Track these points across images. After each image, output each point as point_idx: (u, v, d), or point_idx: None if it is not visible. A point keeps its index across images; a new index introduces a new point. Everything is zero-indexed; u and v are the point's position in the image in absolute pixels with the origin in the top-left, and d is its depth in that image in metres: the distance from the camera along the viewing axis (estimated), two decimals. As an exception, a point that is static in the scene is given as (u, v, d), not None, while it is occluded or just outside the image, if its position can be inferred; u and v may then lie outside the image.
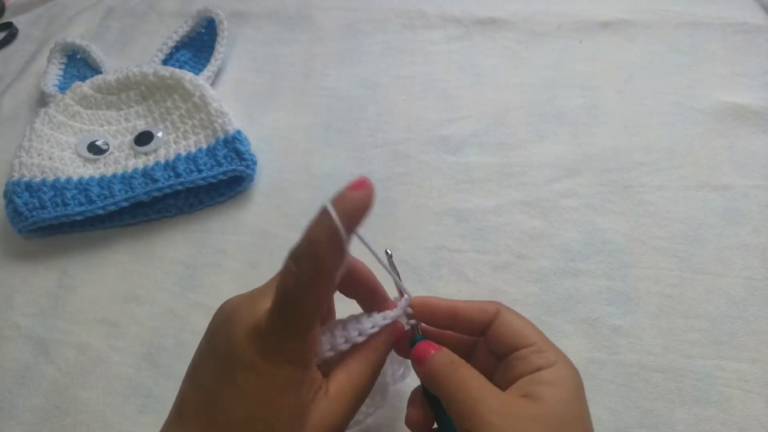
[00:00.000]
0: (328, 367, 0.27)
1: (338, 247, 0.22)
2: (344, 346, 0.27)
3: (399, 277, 0.29)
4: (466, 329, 0.29)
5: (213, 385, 0.24)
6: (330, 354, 0.27)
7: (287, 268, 0.23)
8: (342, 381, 0.26)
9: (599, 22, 0.60)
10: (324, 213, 0.23)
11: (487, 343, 0.29)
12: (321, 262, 0.22)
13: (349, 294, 0.29)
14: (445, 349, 0.28)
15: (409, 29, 0.62)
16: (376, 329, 0.27)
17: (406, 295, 0.29)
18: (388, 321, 0.28)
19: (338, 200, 0.23)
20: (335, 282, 0.24)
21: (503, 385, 0.26)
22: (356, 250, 0.26)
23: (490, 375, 0.28)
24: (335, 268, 0.23)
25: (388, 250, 0.30)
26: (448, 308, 0.29)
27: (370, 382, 0.27)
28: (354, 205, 0.23)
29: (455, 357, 0.27)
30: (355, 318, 0.28)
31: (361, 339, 0.27)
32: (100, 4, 0.69)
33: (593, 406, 0.27)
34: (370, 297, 0.29)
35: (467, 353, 0.30)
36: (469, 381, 0.26)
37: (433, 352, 0.27)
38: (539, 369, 0.26)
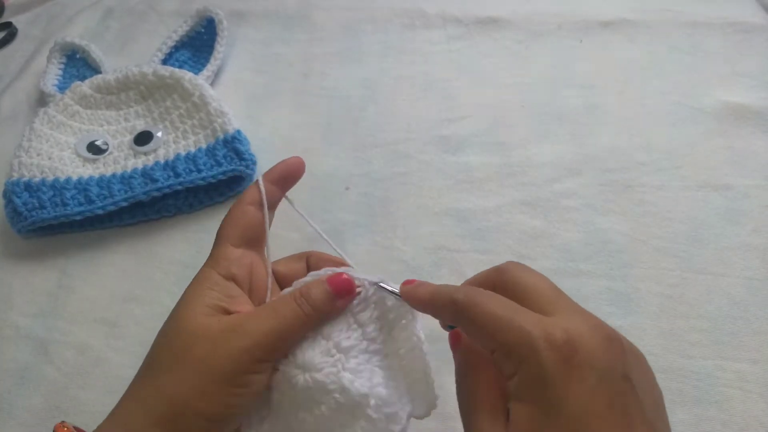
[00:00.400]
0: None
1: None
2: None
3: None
4: (444, 318, 0.27)
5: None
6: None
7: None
8: (259, 309, 0.27)
9: (600, 21, 0.60)
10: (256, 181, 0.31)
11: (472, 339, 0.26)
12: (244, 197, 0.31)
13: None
14: (469, 344, 0.26)
15: (409, 29, 0.62)
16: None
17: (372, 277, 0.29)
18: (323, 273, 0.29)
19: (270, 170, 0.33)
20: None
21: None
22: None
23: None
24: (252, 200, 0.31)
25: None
26: (422, 299, 0.27)
27: (291, 323, 0.26)
28: (277, 170, 0.33)
29: (477, 351, 0.26)
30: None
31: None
32: (99, 4, 0.69)
33: None
34: None
35: None
36: (472, 394, 0.25)
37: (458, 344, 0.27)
38: (510, 377, 0.22)
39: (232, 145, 0.48)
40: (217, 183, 0.47)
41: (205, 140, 0.49)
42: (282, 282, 0.31)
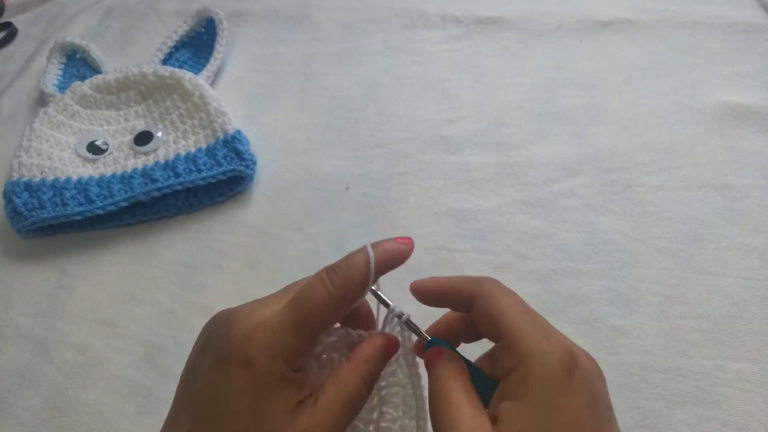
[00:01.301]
0: (321, 381, 0.26)
1: (365, 281, 0.24)
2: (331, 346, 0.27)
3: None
4: (456, 306, 0.27)
5: (206, 385, 0.24)
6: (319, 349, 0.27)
7: (319, 275, 0.25)
8: (331, 391, 0.24)
9: (600, 21, 0.60)
10: (363, 250, 0.25)
11: (480, 330, 0.26)
12: (352, 283, 0.24)
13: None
14: (447, 357, 0.26)
15: (409, 29, 0.62)
16: (361, 338, 0.27)
17: (397, 309, 0.27)
18: (374, 331, 0.27)
19: (379, 245, 0.26)
20: (348, 310, 0.25)
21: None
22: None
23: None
24: (357, 296, 0.25)
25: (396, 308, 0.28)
26: (434, 288, 0.27)
27: (361, 393, 0.25)
28: (390, 253, 0.26)
29: (452, 367, 0.25)
30: (344, 329, 0.28)
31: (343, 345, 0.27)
32: (99, 4, 0.69)
33: None
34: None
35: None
36: (449, 396, 0.23)
37: (438, 358, 0.26)
38: (507, 373, 0.22)
39: (232, 145, 0.48)
40: (217, 183, 0.47)
41: (205, 140, 0.49)
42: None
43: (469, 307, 0.25)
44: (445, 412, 0.23)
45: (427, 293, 0.27)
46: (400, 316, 0.27)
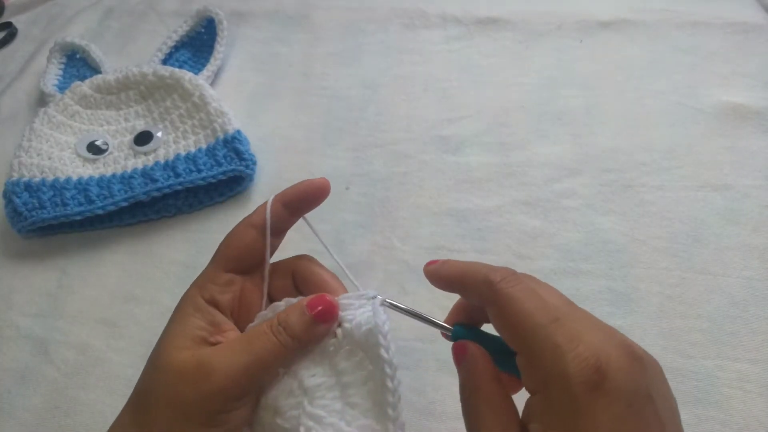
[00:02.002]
0: None
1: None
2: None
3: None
4: (470, 295, 0.26)
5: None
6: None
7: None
8: (239, 336, 0.26)
9: (600, 21, 0.60)
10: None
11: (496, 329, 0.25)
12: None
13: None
14: (473, 356, 0.25)
15: (409, 29, 0.62)
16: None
17: (370, 293, 0.27)
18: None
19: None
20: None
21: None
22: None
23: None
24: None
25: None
26: (449, 275, 0.26)
27: (269, 343, 0.25)
28: (294, 191, 0.29)
29: (480, 370, 0.24)
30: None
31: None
32: (99, 4, 0.69)
33: None
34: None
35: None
36: (480, 418, 0.23)
37: (464, 356, 0.25)
38: (532, 393, 0.22)
39: (232, 145, 0.48)
40: (217, 183, 0.47)
41: (205, 140, 0.49)
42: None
43: (486, 301, 0.24)
44: (480, 411, 0.22)
45: (440, 279, 0.27)
46: (373, 298, 0.26)
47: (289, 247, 0.45)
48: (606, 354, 0.20)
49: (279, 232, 0.29)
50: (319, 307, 0.26)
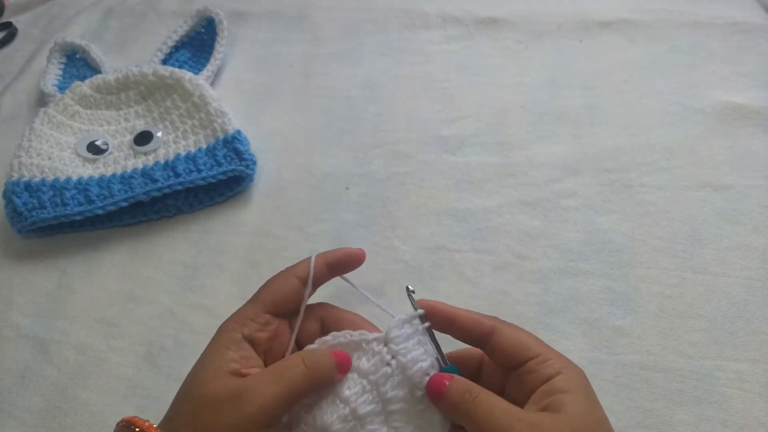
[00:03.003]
0: None
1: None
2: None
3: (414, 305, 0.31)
4: (463, 338, 0.30)
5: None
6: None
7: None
8: (268, 369, 0.28)
9: (600, 22, 0.60)
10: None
11: (492, 357, 0.30)
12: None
13: None
14: (458, 378, 0.28)
15: (409, 29, 0.62)
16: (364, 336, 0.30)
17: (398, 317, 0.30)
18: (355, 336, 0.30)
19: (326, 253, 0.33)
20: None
21: (519, 401, 0.27)
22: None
23: (501, 390, 0.29)
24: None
25: (409, 286, 0.32)
26: (448, 314, 0.30)
27: (297, 377, 0.27)
28: (336, 255, 0.33)
29: (470, 384, 0.28)
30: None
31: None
32: (99, 4, 0.69)
33: None
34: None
35: (477, 368, 0.31)
36: (493, 408, 0.26)
37: (447, 382, 0.28)
38: (550, 378, 0.27)
39: (232, 145, 0.48)
40: (217, 183, 0.47)
41: (205, 140, 0.49)
42: (299, 343, 0.32)
43: (486, 339, 0.29)
44: (488, 407, 0.26)
45: (441, 317, 0.30)
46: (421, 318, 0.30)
47: (288, 246, 0.46)
48: (567, 362, 0.28)
49: (315, 285, 0.32)
50: (342, 360, 0.29)
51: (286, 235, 0.46)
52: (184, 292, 0.43)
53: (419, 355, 0.29)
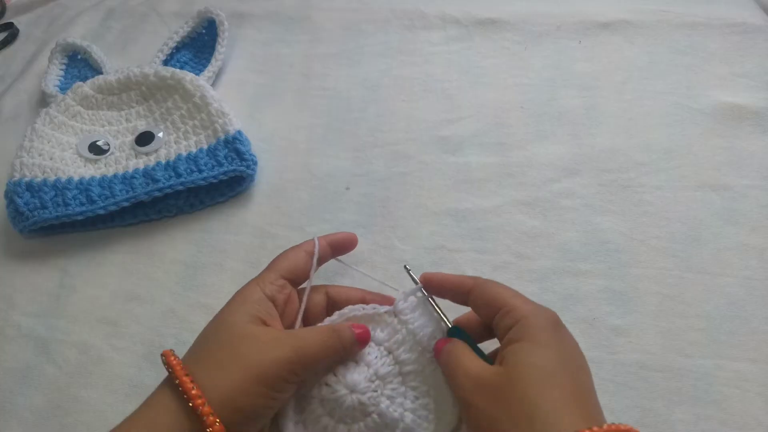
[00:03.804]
0: None
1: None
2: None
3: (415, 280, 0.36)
4: (455, 299, 0.34)
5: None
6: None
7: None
8: (304, 328, 0.33)
9: (599, 22, 0.60)
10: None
11: (477, 314, 0.33)
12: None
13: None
14: (454, 340, 0.32)
15: (408, 30, 0.62)
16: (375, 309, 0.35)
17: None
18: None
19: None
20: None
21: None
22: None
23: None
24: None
25: (406, 265, 0.37)
26: (439, 280, 0.35)
27: (330, 341, 0.32)
28: (336, 237, 0.39)
29: (453, 344, 0.32)
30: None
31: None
32: (101, 5, 0.69)
33: None
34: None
35: (485, 328, 0.34)
36: (459, 365, 0.30)
37: (442, 345, 0.32)
38: (509, 329, 0.29)
39: (233, 146, 0.48)
40: (218, 183, 0.48)
41: (206, 140, 0.49)
42: (305, 313, 0.36)
43: (467, 297, 0.33)
44: (455, 366, 0.30)
45: (433, 284, 0.35)
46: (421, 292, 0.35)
47: (289, 245, 0.46)
48: (532, 309, 0.31)
49: (320, 261, 0.37)
50: (361, 334, 0.33)
51: (286, 235, 0.46)
52: (185, 291, 0.44)
53: (425, 322, 0.34)
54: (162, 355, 0.30)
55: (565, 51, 0.58)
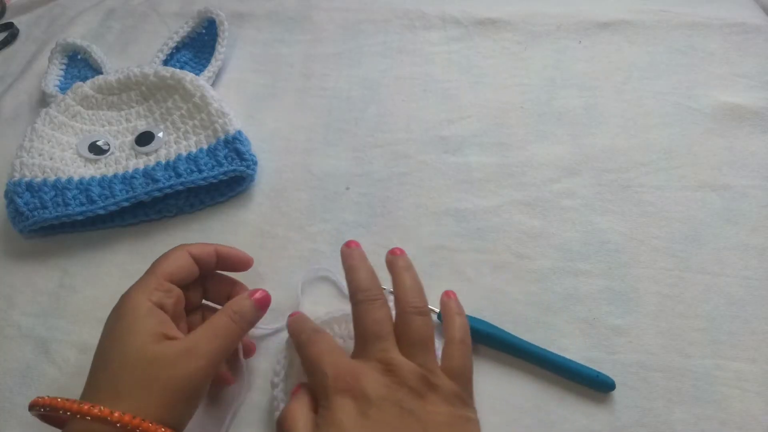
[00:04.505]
0: None
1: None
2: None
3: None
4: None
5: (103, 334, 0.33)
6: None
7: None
8: (203, 326, 0.32)
9: (599, 22, 0.60)
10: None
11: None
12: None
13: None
14: (297, 398, 0.33)
15: (408, 30, 0.62)
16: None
17: None
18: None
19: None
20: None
21: None
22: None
23: None
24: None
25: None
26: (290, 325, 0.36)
27: (231, 329, 0.32)
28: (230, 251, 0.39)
29: (294, 405, 0.32)
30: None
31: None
32: (101, 5, 0.69)
33: (594, 405, 0.26)
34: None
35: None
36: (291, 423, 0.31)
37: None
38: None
39: (233, 146, 0.48)
40: (218, 183, 0.48)
41: (207, 141, 0.49)
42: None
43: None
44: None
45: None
46: None
47: (289, 246, 0.46)
48: (362, 368, 0.32)
49: (202, 268, 0.37)
50: (259, 296, 0.35)
51: (286, 235, 0.46)
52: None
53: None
54: (43, 405, 0.29)
55: (565, 51, 0.58)
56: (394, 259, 0.37)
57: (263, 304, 0.35)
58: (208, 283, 0.38)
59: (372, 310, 0.33)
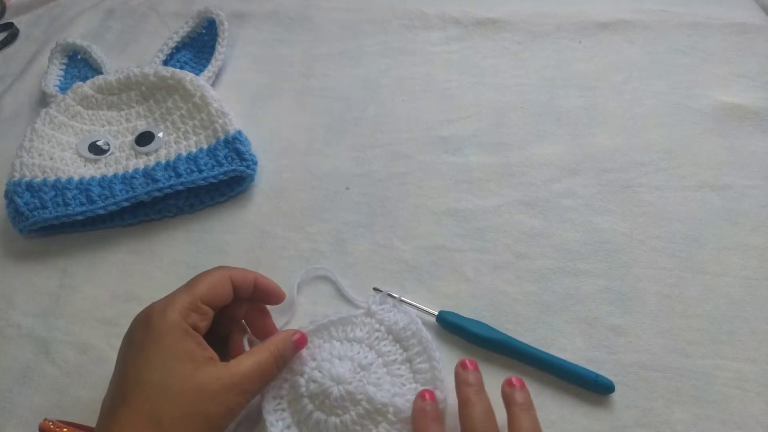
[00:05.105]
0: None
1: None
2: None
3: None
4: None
5: (133, 352, 0.33)
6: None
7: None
8: (245, 356, 0.33)
9: (598, 22, 0.60)
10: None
11: None
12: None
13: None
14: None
15: (408, 30, 0.62)
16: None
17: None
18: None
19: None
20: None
21: None
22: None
23: None
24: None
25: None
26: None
27: (270, 364, 0.33)
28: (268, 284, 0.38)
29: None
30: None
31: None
32: (101, 5, 0.69)
33: (594, 405, 0.26)
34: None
35: None
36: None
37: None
38: None
39: (233, 146, 0.48)
40: (218, 183, 0.48)
41: (206, 140, 0.49)
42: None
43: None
44: None
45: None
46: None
47: (289, 246, 0.46)
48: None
49: (238, 296, 0.37)
50: (298, 338, 0.36)
51: (286, 235, 0.46)
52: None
53: (398, 319, 0.38)
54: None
55: (565, 51, 0.58)
56: (512, 393, 0.33)
57: (300, 346, 0.35)
58: (235, 305, 0.37)
59: None
